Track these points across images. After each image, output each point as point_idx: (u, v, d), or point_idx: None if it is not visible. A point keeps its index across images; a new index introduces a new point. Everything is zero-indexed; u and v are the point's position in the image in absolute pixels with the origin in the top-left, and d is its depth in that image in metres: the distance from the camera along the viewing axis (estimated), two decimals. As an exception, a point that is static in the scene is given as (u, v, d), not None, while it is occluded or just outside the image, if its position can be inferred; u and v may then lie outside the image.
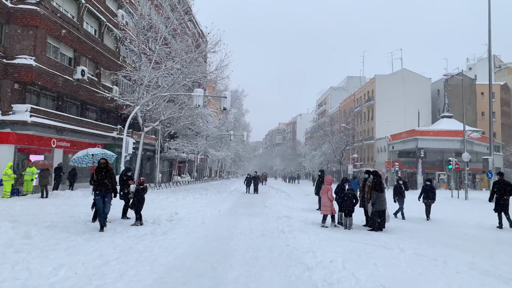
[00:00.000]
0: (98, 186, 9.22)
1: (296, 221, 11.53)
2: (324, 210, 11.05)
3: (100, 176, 9.24)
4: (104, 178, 9.27)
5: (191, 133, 40.65)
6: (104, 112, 29.00)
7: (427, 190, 13.79)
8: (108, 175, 9.39)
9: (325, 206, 11.00)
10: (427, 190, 13.80)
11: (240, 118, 72.41)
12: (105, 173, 9.36)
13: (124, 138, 20.96)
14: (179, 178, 38.59)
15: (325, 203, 10.99)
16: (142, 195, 10.50)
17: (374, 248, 7.69)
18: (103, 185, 9.23)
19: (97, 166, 9.58)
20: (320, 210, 11.45)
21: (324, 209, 11.03)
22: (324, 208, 11.03)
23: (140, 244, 7.52)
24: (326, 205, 10.97)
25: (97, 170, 9.38)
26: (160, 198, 19.32)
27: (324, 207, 11.06)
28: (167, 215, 12.09)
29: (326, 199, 10.93)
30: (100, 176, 9.24)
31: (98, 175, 9.24)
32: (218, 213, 13.48)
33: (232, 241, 8.22)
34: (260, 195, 25.25)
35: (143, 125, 24.56)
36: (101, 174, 9.26)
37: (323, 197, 11.13)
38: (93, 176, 9.27)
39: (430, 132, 43.49)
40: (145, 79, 24.25)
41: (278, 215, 13.13)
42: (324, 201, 11.06)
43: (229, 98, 20.98)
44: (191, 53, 24.77)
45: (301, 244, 7.76)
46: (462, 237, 9.84)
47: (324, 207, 11.03)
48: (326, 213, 11.01)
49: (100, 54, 26.62)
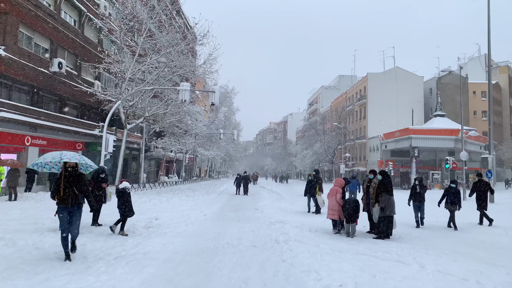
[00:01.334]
0: (63, 197, 6.41)
1: (291, 227, 10.20)
2: (331, 214, 9.79)
3: (68, 184, 6.50)
4: (71, 186, 6.54)
5: (179, 131, 39.15)
6: (85, 108, 27.29)
7: (450, 194, 11.62)
8: (78, 183, 6.60)
9: (333, 210, 9.74)
10: (450, 193, 11.62)
11: (231, 117, 71.05)
12: (74, 180, 6.60)
13: (104, 135, 19.42)
14: (166, 178, 37.00)
15: (333, 207, 9.73)
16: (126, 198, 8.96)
17: (387, 264, 6.39)
18: (70, 195, 6.45)
19: (62, 170, 6.70)
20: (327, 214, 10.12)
21: (331, 213, 9.77)
22: (331, 212, 9.77)
23: (100, 262, 6.09)
24: (333, 208, 9.71)
25: (63, 176, 6.57)
26: (143, 201, 17.85)
27: (331, 210, 9.80)
28: (146, 221, 10.66)
29: (334, 202, 9.66)
30: (67, 185, 6.50)
31: (63, 183, 6.48)
32: (204, 218, 12.09)
33: (217, 255, 6.85)
34: (251, 197, 23.88)
35: (126, 122, 23.00)
36: (68, 183, 6.53)
37: (331, 199, 9.86)
38: (56, 185, 6.49)
39: (424, 131, 42.61)
40: (128, 73, 22.71)
41: (270, 219, 11.79)
42: (331, 205, 9.80)
43: (218, 93, 19.59)
44: (177, 46, 23.28)
45: (299, 260, 6.42)
46: (481, 246, 8.64)
47: (331, 211, 9.77)
48: (334, 218, 9.75)
49: (80, 46, 24.95)
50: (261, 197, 23.52)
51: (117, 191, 9.13)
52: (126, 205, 8.85)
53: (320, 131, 63.57)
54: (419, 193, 11.68)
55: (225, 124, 66.11)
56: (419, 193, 11.68)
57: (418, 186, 11.77)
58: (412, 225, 11.44)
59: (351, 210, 9.26)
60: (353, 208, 9.29)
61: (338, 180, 10.36)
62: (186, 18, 40.10)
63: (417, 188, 11.75)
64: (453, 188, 11.68)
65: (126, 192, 8.98)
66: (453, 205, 11.44)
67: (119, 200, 8.94)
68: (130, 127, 23.84)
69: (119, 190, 9.04)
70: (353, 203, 9.36)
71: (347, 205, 9.33)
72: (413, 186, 11.98)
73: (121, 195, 8.92)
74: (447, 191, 11.74)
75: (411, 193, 11.85)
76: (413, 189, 11.92)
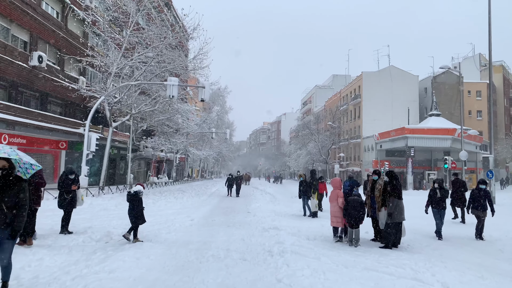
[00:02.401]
0: None
1: (287, 234, 9.09)
2: (334, 222, 8.71)
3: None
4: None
5: (170, 130, 37.88)
6: (70, 106, 25.91)
7: (477, 197, 9.66)
8: (11, 195, 4.29)
9: (336, 217, 8.65)
10: (477, 196, 9.66)
11: (224, 116, 69.76)
12: (4, 190, 4.29)
13: (86, 133, 18.16)
14: (156, 179, 35.67)
15: (336, 213, 8.64)
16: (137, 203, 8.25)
17: (404, 283, 5.30)
18: None
19: None
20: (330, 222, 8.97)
21: (335, 220, 8.68)
22: (335, 220, 8.68)
23: (52, 286, 4.91)
24: (336, 215, 8.62)
25: None
26: (126, 204, 16.63)
27: (334, 217, 8.72)
28: (124, 228, 9.47)
29: (337, 208, 8.58)
30: None
31: None
32: (190, 224, 10.94)
33: (200, 273, 5.71)
34: (243, 198, 22.71)
35: (111, 119, 21.71)
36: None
37: (332, 205, 8.78)
38: None
39: (421, 130, 41.80)
40: (113, 67, 21.44)
41: (263, 225, 10.68)
42: (334, 210, 8.71)
43: (208, 88, 18.42)
44: (166, 39, 22.05)
45: (298, 279, 5.32)
46: (501, 256, 7.63)
47: (335, 218, 8.69)
48: (337, 225, 8.69)
49: (63, 39, 23.59)
50: (253, 198, 22.41)
51: (128, 194, 8.35)
52: (136, 211, 8.14)
53: (314, 131, 62.60)
54: (441, 198, 9.82)
55: (217, 124, 64.85)
56: (440, 198, 9.82)
57: (438, 190, 9.94)
58: (420, 232, 10.34)
59: (355, 213, 8.18)
60: (358, 210, 8.21)
61: (334, 181, 9.11)
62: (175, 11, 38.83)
63: (437, 193, 9.91)
64: (481, 190, 9.69)
65: (138, 197, 8.25)
66: (483, 210, 9.54)
67: (130, 205, 8.22)
68: (116, 125, 22.55)
69: (131, 194, 8.27)
70: (358, 204, 8.28)
71: (351, 206, 8.23)
72: (432, 190, 10.11)
73: (133, 199, 8.19)
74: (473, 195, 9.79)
75: (430, 199, 10.04)
76: (432, 193, 10.07)
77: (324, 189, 14.66)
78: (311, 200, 13.44)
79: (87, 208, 14.97)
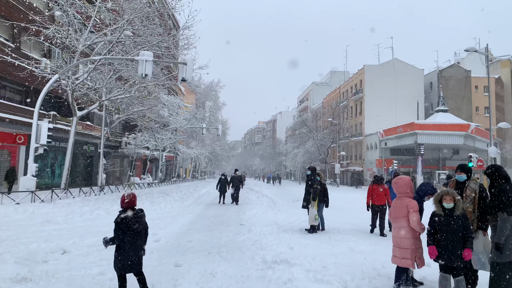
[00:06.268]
0: None
1: (306, 277, 5.27)
2: (399, 258, 4.70)
3: None
4: None
5: (155, 125, 33.98)
6: (32, 93, 21.97)
7: None
8: None
9: (402, 249, 4.66)
10: None
11: (217, 112, 65.91)
12: None
13: (34, 122, 14.22)
14: (138, 179, 31.70)
15: (403, 243, 4.66)
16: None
17: None
18: None
19: None
20: (391, 258, 4.90)
21: (400, 255, 4.69)
22: (401, 254, 4.68)
23: None
24: (404, 246, 4.64)
25: None
26: (83, 211, 12.78)
27: (399, 250, 4.71)
28: (43, 255, 5.64)
29: (407, 231, 4.61)
30: None
31: None
32: (152, 249, 7.08)
33: None
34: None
35: (74, 106, 17.75)
36: None
37: (396, 228, 4.87)
38: None
39: (431, 126, 38.25)
40: (79, 44, 17.56)
41: (264, 252, 6.85)
42: (399, 239, 4.74)
43: (191, 65, 14.57)
44: (142, 11, 18.20)
45: None
46: None
47: (400, 251, 4.69)
48: (405, 265, 4.68)
49: (17, 11, 19.64)
50: (249, 203, 18.53)
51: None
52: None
53: (312, 128, 58.91)
54: None
55: (210, 120, 60.94)
56: None
57: None
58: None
59: (455, 241, 4.28)
60: (460, 235, 4.22)
61: (400, 181, 4.95)
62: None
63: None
64: None
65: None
66: None
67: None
68: (81, 114, 18.61)
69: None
70: (459, 225, 4.29)
71: (446, 228, 4.28)
72: None
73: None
74: None
75: None
76: None
77: (386, 198, 9.97)
78: (311, 210, 9.60)
79: (23, 220, 11.11)
